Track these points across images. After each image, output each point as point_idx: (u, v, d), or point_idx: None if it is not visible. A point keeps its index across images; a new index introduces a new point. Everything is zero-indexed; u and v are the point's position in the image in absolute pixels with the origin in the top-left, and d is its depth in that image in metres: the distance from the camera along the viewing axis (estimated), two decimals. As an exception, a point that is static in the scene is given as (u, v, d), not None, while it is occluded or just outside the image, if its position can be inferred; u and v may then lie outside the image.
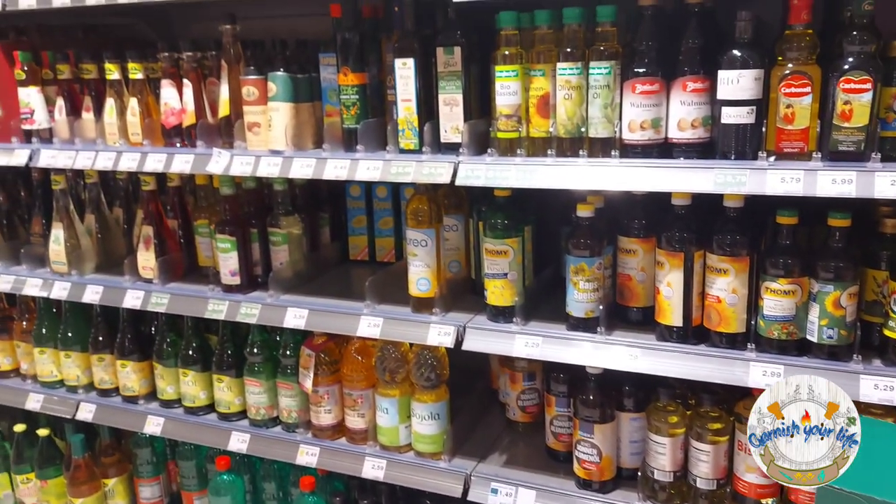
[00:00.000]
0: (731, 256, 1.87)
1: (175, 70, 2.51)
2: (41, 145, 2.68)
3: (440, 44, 2.10)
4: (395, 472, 2.38)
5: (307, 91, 2.39)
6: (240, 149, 2.41)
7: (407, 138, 2.19)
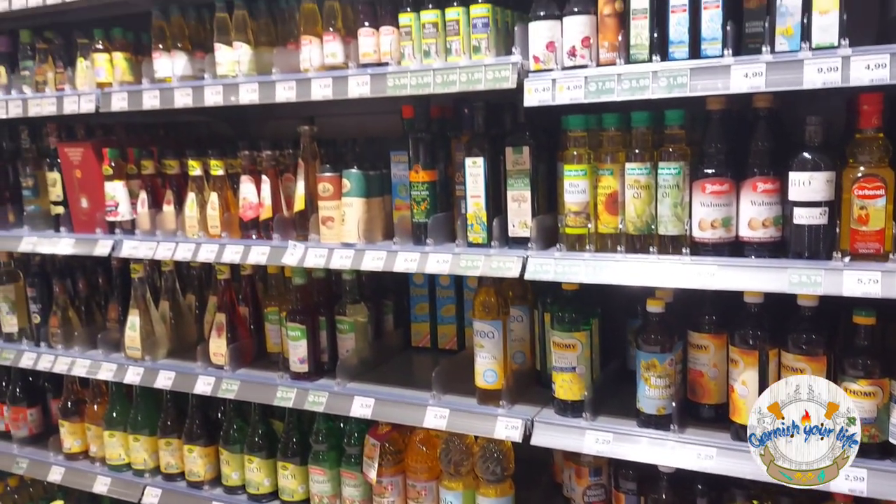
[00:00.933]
0: (808, 356, 1.85)
1: (254, 167, 2.64)
2: (124, 236, 2.82)
3: (509, 144, 2.18)
4: (459, 568, 2.34)
5: (378, 186, 2.49)
6: (313, 241, 2.50)
7: (475, 232, 2.25)
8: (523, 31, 2.06)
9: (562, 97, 1.97)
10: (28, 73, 2.90)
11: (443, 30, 2.18)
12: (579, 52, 1.98)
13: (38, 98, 2.82)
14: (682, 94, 1.81)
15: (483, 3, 2.10)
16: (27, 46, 2.92)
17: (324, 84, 2.33)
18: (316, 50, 2.39)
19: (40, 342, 3.14)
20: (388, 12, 2.28)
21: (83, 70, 2.77)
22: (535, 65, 2.04)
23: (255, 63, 2.54)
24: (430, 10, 2.18)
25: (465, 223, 2.27)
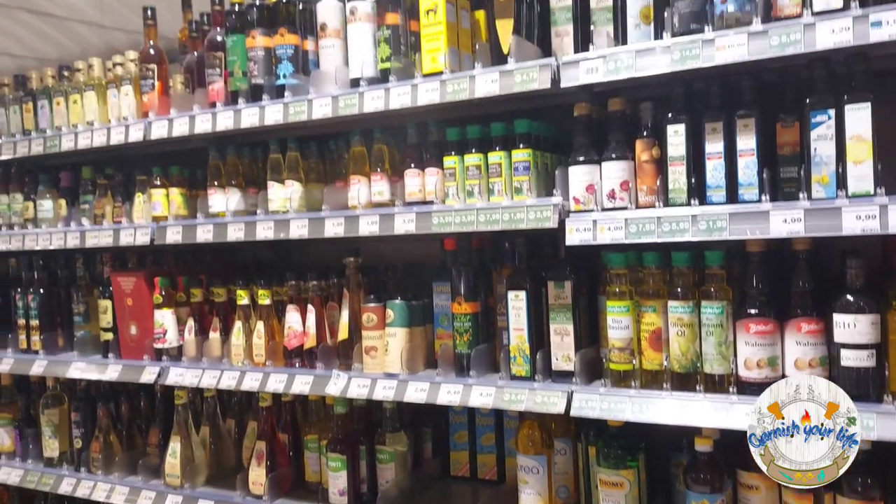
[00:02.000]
0: (864, 499, 1.81)
1: (300, 296, 2.72)
2: (170, 363, 2.88)
3: (551, 279, 2.24)
4: None
5: (421, 316, 2.55)
6: (356, 371, 2.54)
7: (518, 365, 2.28)
8: (563, 174, 2.16)
9: (603, 237, 2.04)
10: (87, 206, 3.07)
11: (485, 172, 2.29)
12: (618, 194, 2.07)
13: (96, 230, 2.97)
14: (722, 237, 1.87)
15: (524, 149, 2.22)
16: (88, 182, 3.10)
17: (371, 221, 2.43)
18: (364, 188, 2.51)
19: (80, 467, 3.15)
20: (432, 155, 2.41)
21: (140, 204, 2.93)
22: (576, 206, 2.12)
23: (305, 199, 2.67)
24: (473, 153, 2.30)
25: (508, 355, 2.30)
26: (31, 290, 3.24)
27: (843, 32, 1.70)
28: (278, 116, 2.54)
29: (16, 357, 3.26)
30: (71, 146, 2.98)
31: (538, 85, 2.09)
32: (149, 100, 2.84)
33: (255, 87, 2.61)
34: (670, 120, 1.99)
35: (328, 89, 2.49)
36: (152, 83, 2.83)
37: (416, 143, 2.47)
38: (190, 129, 2.70)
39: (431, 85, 2.26)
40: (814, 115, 1.80)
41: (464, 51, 2.33)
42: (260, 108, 2.57)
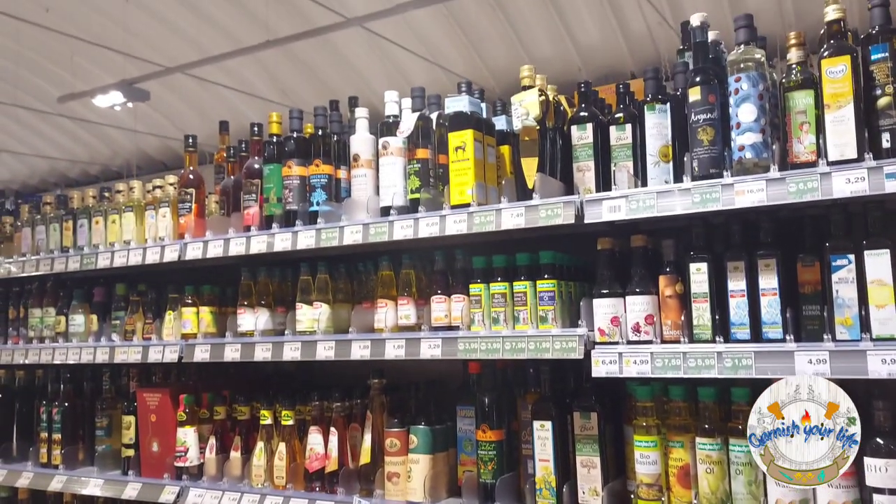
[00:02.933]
0: None
1: (323, 416, 2.73)
2: (190, 483, 2.86)
3: (577, 409, 2.25)
4: None
5: (444, 441, 2.54)
6: (378, 497, 2.51)
7: (545, 498, 2.25)
8: (588, 305, 2.20)
9: (629, 370, 2.06)
10: (118, 322, 3.14)
11: (511, 299, 2.35)
12: (643, 328, 2.10)
13: (126, 346, 3.03)
14: (748, 375, 1.89)
15: (549, 279, 2.28)
16: (121, 298, 3.18)
17: (397, 345, 2.47)
18: (391, 312, 2.57)
19: (91, 590, 3.07)
20: (458, 282, 2.48)
21: (170, 321, 2.99)
22: (601, 337, 2.16)
23: (332, 320, 2.72)
24: (498, 282, 2.37)
25: (534, 487, 2.27)
26: (55, 403, 3.26)
27: (858, 182, 1.77)
28: (310, 241, 2.63)
29: (35, 471, 3.24)
30: (107, 264, 3.08)
31: (562, 220, 2.17)
32: (185, 222, 2.95)
33: (289, 212, 2.72)
34: (692, 258, 2.05)
35: (359, 216, 2.59)
36: (190, 206, 2.96)
37: (442, 270, 2.55)
38: (224, 251, 2.80)
39: (459, 216, 2.35)
40: (834, 259, 1.86)
41: (490, 184, 2.43)
42: (293, 234, 2.67)
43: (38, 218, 3.37)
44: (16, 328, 3.43)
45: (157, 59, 6.53)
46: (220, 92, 7.10)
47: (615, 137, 2.36)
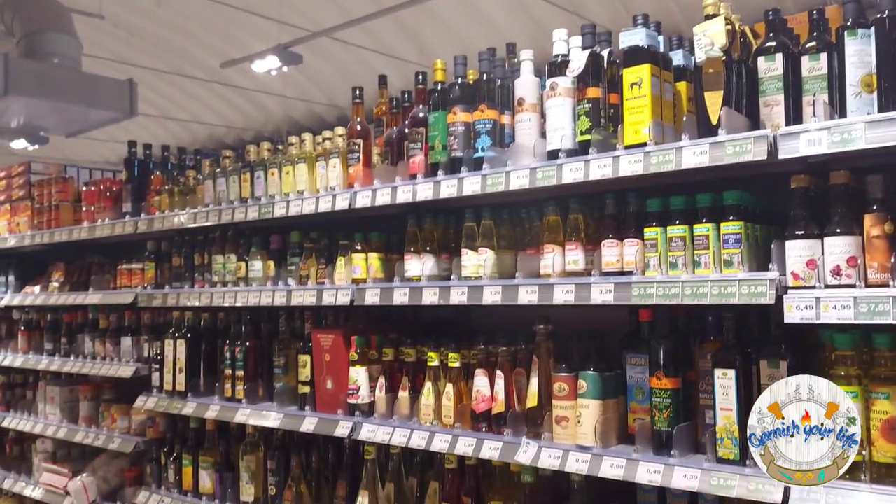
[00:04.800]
0: None
1: (488, 360, 2.77)
2: (363, 419, 3.01)
3: (765, 357, 2.13)
4: None
5: (613, 388, 2.50)
6: (546, 440, 2.52)
7: (726, 447, 2.17)
8: (780, 248, 2.07)
9: (827, 316, 1.92)
10: (294, 267, 3.32)
11: (690, 243, 2.25)
12: (844, 271, 1.95)
13: (301, 290, 3.20)
14: (975, 321, 1.71)
15: (735, 221, 2.16)
16: (295, 245, 3.36)
17: (566, 290, 2.45)
18: (558, 257, 2.54)
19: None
20: (630, 226, 2.40)
21: (341, 267, 3.13)
22: (794, 281, 2.02)
23: (496, 266, 2.74)
24: (677, 225, 2.27)
25: (714, 436, 2.19)
26: (238, 343, 3.52)
27: None
28: (476, 187, 2.65)
29: (221, 404, 3.53)
30: (283, 213, 3.26)
31: (752, 157, 2.04)
32: (354, 171, 3.05)
33: (455, 159, 2.74)
34: (908, 194, 1.87)
35: (524, 161, 2.57)
36: (358, 156, 3.05)
37: (613, 213, 2.48)
38: (392, 199, 2.87)
39: (634, 157, 2.27)
40: None
41: (666, 122, 2.32)
42: (459, 180, 2.69)
43: (218, 171, 3.61)
44: (201, 273, 3.72)
45: (303, 23, 6.77)
46: (361, 55, 7.27)
47: (808, 68, 2.18)
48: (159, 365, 3.83)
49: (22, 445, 5.05)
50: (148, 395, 3.88)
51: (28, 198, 4.82)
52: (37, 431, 4.49)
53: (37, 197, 4.77)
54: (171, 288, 3.88)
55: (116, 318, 4.26)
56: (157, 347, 3.89)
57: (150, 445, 3.96)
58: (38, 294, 4.66)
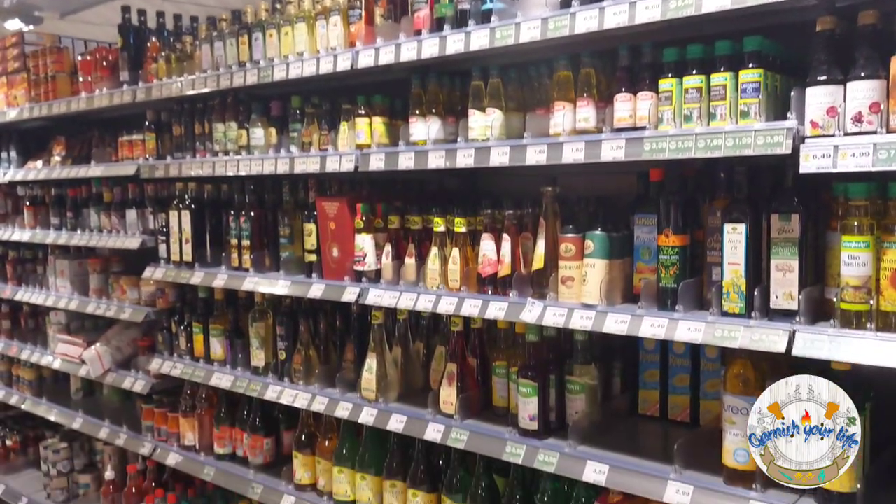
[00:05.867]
0: None
1: (494, 225, 2.74)
2: (369, 285, 3.03)
3: (776, 210, 2.09)
4: None
5: (620, 249, 2.48)
6: (551, 300, 2.53)
7: (732, 301, 2.17)
8: (799, 96, 1.99)
9: (844, 164, 1.86)
10: (296, 134, 3.25)
11: (706, 94, 2.16)
12: (866, 117, 1.87)
13: (304, 157, 3.15)
14: None
15: (755, 69, 2.06)
16: (296, 111, 3.27)
17: (576, 148, 2.38)
18: (568, 115, 2.46)
19: (283, 377, 3.41)
20: (646, 77, 2.31)
21: (345, 132, 3.06)
22: (813, 130, 1.95)
23: (504, 127, 2.66)
24: (694, 75, 2.18)
25: (720, 291, 2.19)
26: (242, 213, 3.50)
27: None
28: (484, 42, 2.53)
29: (229, 273, 3.56)
30: (283, 76, 3.15)
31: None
32: (356, 30, 2.92)
33: (462, 12, 2.61)
34: (941, 31, 1.76)
35: (535, 12, 2.44)
36: (359, 13, 2.91)
37: (627, 66, 2.38)
38: (396, 57, 2.76)
39: (652, 2, 2.14)
40: None
41: (686, -35, 2.18)
42: (466, 34, 2.57)
43: (215, 35, 3.47)
44: (202, 143, 3.66)
45: None
46: None
47: None
48: (165, 236, 3.84)
49: (36, 319, 5.17)
50: (156, 266, 3.91)
51: (24, 70, 4.69)
52: (49, 304, 4.56)
53: (32, 69, 4.64)
54: (172, 158, 3.82)
55: (120, 190, 4.23)
56: (162, 219, 3.89)
57: (161, 315, 4.03)
58: (40, 168, 4.62)
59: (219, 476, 3.65)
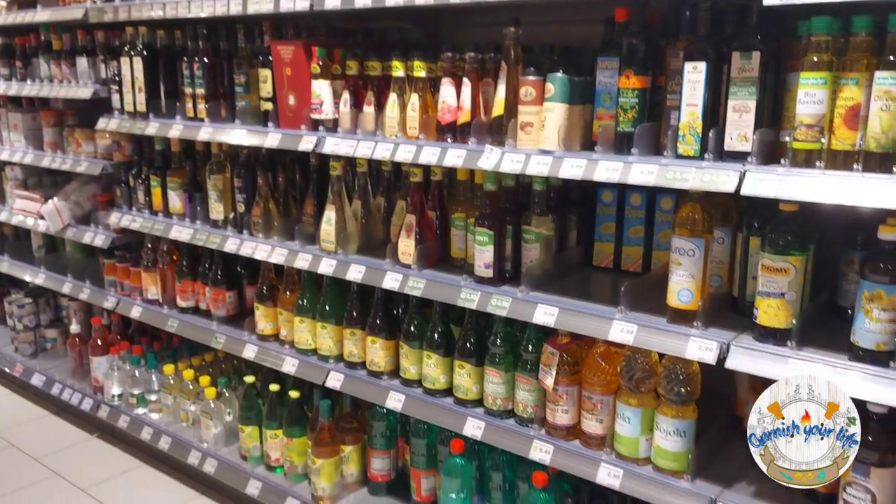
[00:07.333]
0: None
1: (455, 70, 2.66)
2: (327, 133, 2.96)
3: (738, 48, 2.04)
4: (631, 484, 2.34)
5: (581, 94, 2.43)
6: (509, 147, 2.50)
7: (687, 144, 2.15)
8: (771, -77, 1.88)
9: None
10: (249, -28, 3.06)
11: (675, -77, 2.05)
12: (836, -56, 1.79)
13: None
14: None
15: None
16: (249, -54, 3.06)
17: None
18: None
19: (243, 230, 3.39)
20: None
21: (300, -31, 2.88)
22: (780, -41, 1.87)
23: (466, -38, 2.52)
24: None
25: (676, 134, 2.17)
26: (196, 60, 3.35)
27: None
28: None
29: (184, 124, 3.45)
30: None
31: None
32: None
33: None
34: None
35: None
36: None
37: None
38: None
39: None
40: None
41: None
42: None
43: None
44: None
45: None
46: None
47: None
48: (118, 86, 3.69)
49: (-8, 175, 5.04)
50: (110, 117, 3.78)
51: None
52: (3, 158, 4.43)
53: None
54: (121, 1, 3.61)
55: (70, 38, 4.02)
56: (114, 68, 3.72)
57: (118, 169, 3.94)
58: (-18, 15, 4.35)
59: (182, 327, 3.70)
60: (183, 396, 3.77)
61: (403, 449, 3.21)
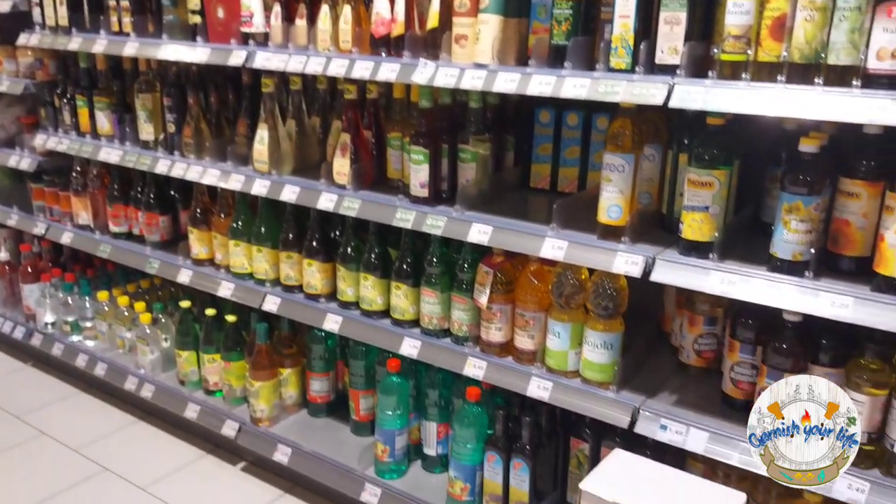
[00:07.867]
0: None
1: (389, -20, 2.57)
2: (257, 48, 2.85)
3: (670, -41, 2.00)
4: (560, 395, 2.40)
5: (517, 6, 2.37)
6: (444, 61, 2.45)
7: (619, 57, 2.13)
8: None
9: None
10: None
11: None
12: None
13: None
14: None
15: None
16: None
17: None
18: None
19: (174, 151, 3.29)
20: None
21: None
22: None
23: None
24: None
25: (609, 47, 2.14)
26: (119, -31, 3.17)
27: None
28: None
29: (109, 38, 3.29)
30: None
31: None
32: None
33: None
34: None
35: None
36: None
37: None
38: None
39: None
40: None
41: None
42: None
43: None
44: None
45: None
46: None
47: None
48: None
49: None
50: (31, 33, 3.58)
51: None
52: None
53: None
54: None
55: (-19, -54, 3.75)
56: (31, -22, 3.50)
57: (42, 89, 3.75)
58: None
59: (115, 253, 3.61)
60: (118, 323, 3.71)
61: (343, 372, 3.23)
